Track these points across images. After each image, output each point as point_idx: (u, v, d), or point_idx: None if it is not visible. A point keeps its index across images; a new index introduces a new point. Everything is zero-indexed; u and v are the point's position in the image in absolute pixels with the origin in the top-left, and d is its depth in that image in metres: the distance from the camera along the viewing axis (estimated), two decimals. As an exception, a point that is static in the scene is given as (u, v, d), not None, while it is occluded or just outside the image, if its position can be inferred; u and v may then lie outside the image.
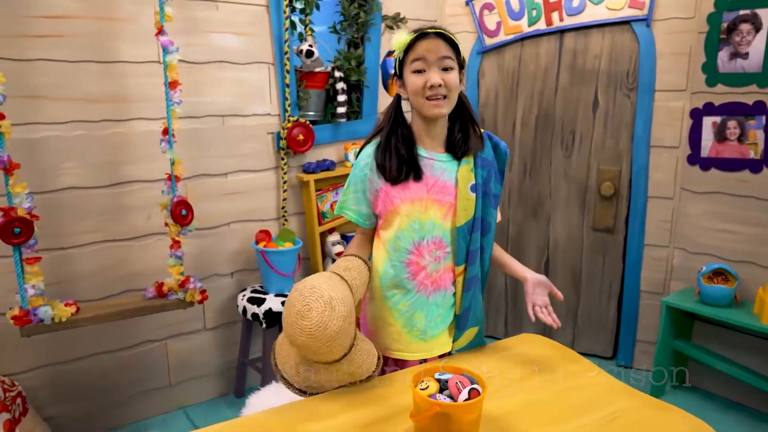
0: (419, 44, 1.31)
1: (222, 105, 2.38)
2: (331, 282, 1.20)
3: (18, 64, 1.94)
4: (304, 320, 1.12)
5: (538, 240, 3.04)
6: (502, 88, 2.97)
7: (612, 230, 2.83)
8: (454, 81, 1.33)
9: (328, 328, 1.12)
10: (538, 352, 1.50)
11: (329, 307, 1.13)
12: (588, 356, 2.99)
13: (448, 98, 1.34)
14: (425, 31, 1.31)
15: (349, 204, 1.44)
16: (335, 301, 1.15)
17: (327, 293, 1.15)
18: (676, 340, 2.55)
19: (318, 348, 1.14)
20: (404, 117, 1.41)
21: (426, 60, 1.30)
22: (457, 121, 1.41)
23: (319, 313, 1.12)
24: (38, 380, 2.15)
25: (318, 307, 1.13)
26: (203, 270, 2.45)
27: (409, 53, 1.32)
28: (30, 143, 2.00)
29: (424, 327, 1.44)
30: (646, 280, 2.78)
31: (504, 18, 2.83)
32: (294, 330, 1.13)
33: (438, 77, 1.30)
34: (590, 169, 2.83)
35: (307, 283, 1.18)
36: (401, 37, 1.32)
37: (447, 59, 1.31)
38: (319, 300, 1.14)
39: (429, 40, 1.30)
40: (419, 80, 1.31)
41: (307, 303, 1.13)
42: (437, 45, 1.30)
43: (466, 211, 1.41)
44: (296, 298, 1.15)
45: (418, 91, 1.32)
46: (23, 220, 1.75)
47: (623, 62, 2.66)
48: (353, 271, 1.29)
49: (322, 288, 1.16)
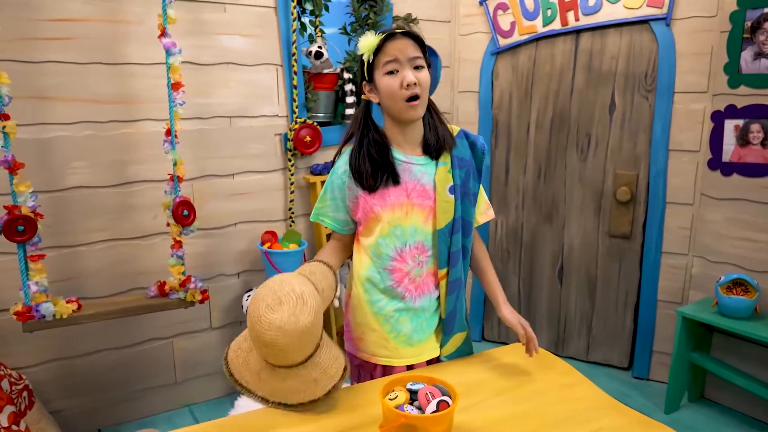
0: (389, 45, 1.28)
1: (230, 106, 2.40)
2: (300, 278, 1.18)
3: (28, 66, 1.99)
4: (274, 313, 1.08)
5: (552, 245, 2.96)
6: (516, 89, 2.91)
7: (628, 237, 2.73)
8: (426, 80, 1.32)
9: (300, 321, 1.09)
10: (528, 363, 1.46)
11: (301, 300, 1.11)
12: (603, 366, 2.91)
13: (422, 98, 1.31)
14: (393, 31, 1.29)
15: (327, 211, 1.42)
16: (306, 294, 1.13)
17: (298, 287, 1.13)
18: (693, 353, 2.45)
19: (287, 344, 1.09)
20: (374, 121, 1.38)
21: (398, 60, 1.28)
22: (427, 120, 1.39)
23: (291, 305, 1.09)
24: (46, 374, 2.20)
25: (290, 300, 1.10)
26: (210, 270, 2.48)
27: (379, 55, 1.29)
28: (40, 143, 2.05)
29: (410, 332, 1.41)
30: (664, 289, 2.68)
31: (518, 18, 2.77)
32: (262, 325, 1.08)
33: (412, 75, 1.28)
34: (606, 174, 2.74)
35: (276, 279, 1.15)
36: (369, 39, 1.29)
37: (418, 58, 1.30)
38: (291, 294, 1.11)
39: (398, 40, 1.28)
40: (394, 81, 1.28)
41: (278, 297, 1.10)
42: (406, 45, 1.28)
43: (446, 214, 1.38)
44: (265, 294, 1.12)
45: (395, 92, 1.29)
46: (27, 219, 1.79)
47: (641, 63, 2.57)
48: (317, 275, 1.27)
49: (292, 282, 1.14)
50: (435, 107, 1.42)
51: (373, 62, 1.31)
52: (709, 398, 2.59)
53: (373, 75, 1.32)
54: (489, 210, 1.53)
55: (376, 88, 1.33)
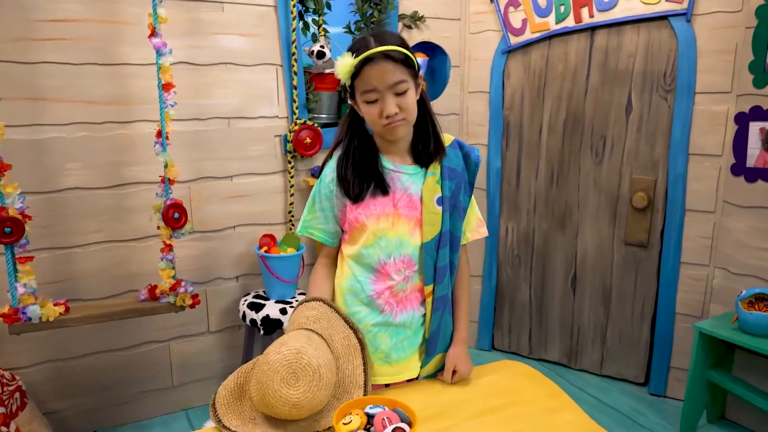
0: (367, 71, 1.16)
1: (228, 107, 2.36)
2: (314, 343, 1.10)
3: (24, 66, 1.99)
4: (291, 389, 1.03)
5: (565, 252, 2.83)
6: (528, 89, 2.79)
7: (645, 245, 2.58)
8: (411, 104, 1.21)
9: (315, 399, 1.05)
10: (515, 382, 1.36)
11: (317, 377, 1.05)
12: (618, 381, 2.77)
13: (406, 119, 1.22)
14: (371, 54, 1.15)
15: (316, 223, 1.35)
16: (323, 368, 1.07)
17: (315, 360, 1.06)
18: (712, 371, 2.29)
19: (299, 416, 1.06)
20: (362, 128, 1.29)
21: (377, 90, 1.17)
22: (419, 126, 1.30)
23: (308, 383, 1.04)
24: (41, 375, 2.20)
25: (306, 376, 1.04)
26: (208, 273, 2.44)
27: (357, 80, 1.18)
28: (35, 144, 2.05)
29: (388, 349, 1.33)
30: (683, 301, 2.52)
31: (530, 15, 2.65)
32: (275, 399, 1.03)
33: (393, 106, 1.18)
34: (622, 178, 2.60)
35: (291, 346, 1.07)
36: (345, 63, 1.17)
37: (400, 84, 1.17)
38: (307, 368, 1.05)
39: (377, 65, 1.15)
40: (373, 110, 1.19)
41: (294, 371, 1.04)
42: (386, 71, 1.15)
43: (433, 226, 1.30)
44: (280, 363, 1.05)
45: (374, 121, 1.21)
46: (14, 220, 1.78)
47: (660, 61, 2.42)
48: (323, 321, 1.20)
49: (309, 354, 1.06)
50: (431, 112, 1.31)
51: (352, 84, 1.21)
52: (729, 419, 2.42)
53: (354, 94, 1.23)
54: (481, 227, 1.42)
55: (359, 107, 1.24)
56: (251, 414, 1.12)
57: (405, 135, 1.28)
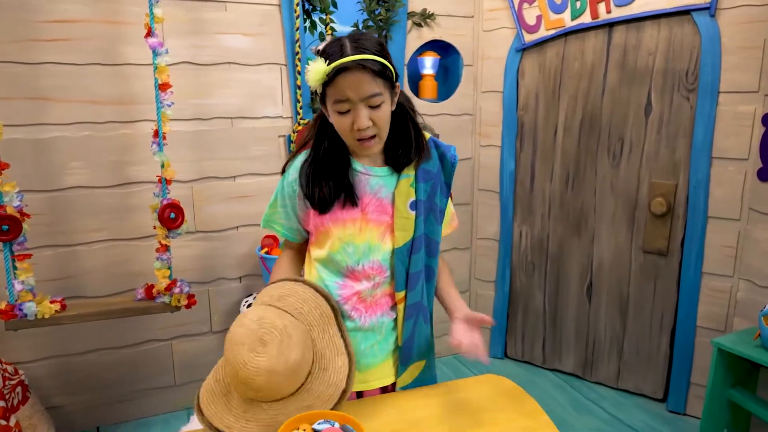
0: (340, 80, 1.08)
1: (231, 107, 2.35)
2: (274, 311, 1.06)
3: (28, 67, 2.02)
4: (260, 356, 0.98)
5: (580, 259, 2.71)
6: (543, 89, 2.68)
7: (665, 253, 2.44)
8: (384, 118, 1.14)
9: (290, 359, 1.00)
10: (493, 399, 1.28)
11: (285, 335, 1.01)
12: (634, 396, 2.63)
13: (379, 135, 1.16)
14: (345, 63, 1.07)
15: (277, 218, 1.31)
16: (289, 327, 1.02)
17: (278, 321, 1.02)
18: (733, 390, 2.14)
19: (279, 383, 1.00)
20: (332, 131, 1.20)
21: (350, 100, 1.09)
22: (398, 126, 1.22)
23: (277, 344, 0.99)
24: (45, 370, 2.24)
25: (273, 338, 0.99)
26: (210, 273, 2.44)
27: (329, 88, 1.10)
28: (39, 143, 2.08)
29: (357, 355, 1.28)
30: (704, 314, 2.37)
31: (545, 11, 2.54)
32: (248, 371, 0.98)
33: (365, 119, 1.11)
34: (641, 182, 2.46)
35: (251, 317, 1.03)
36: (317, 69, 1.09)
37: (375, 97, 1.10)
38: (272, 331, 1.00)
39: (351, 74, 1.07)
40: (345, 122, 1.12)
41: (259, 336, 0.99)
42: (360, 81, 1.07)
43: (405, 231, 1.24)
44: (243, 335, 1.00)
45: (345, 133, 1.15)
46: (12, 218, 1.81)
47: (682, 59, 2.28)
48: (289, 298, 1.15)
49: (271, 317, 1.02)
50: (413, 117, 1.24)
51: (324, 91, 1.13)
52: (753, 442, 2.26)
53: (325, 100, 1.15)
54: (454, 220, 1.38)
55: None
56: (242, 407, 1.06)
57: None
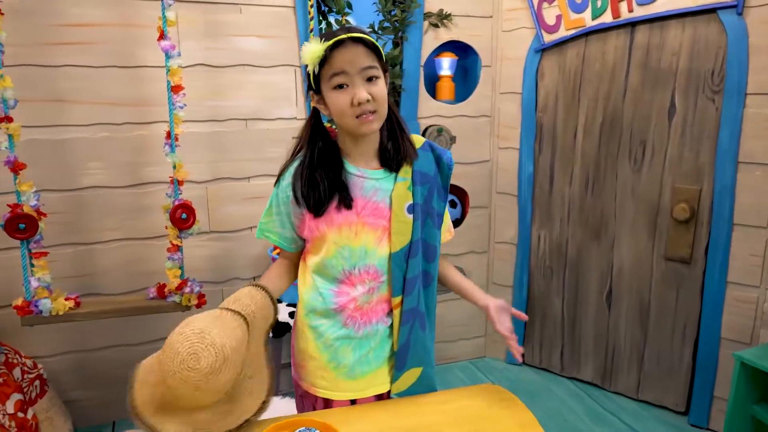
0: (336, 55, 1.10)
1: (245, 109, 2.37)
2: (222, 322, 1.04)
3: (47, 69, 2.08)
4: (191, 372, 0.96)
5: (600, 265, 2.63)
6: (562, 90, 2.61)
7: (688, 261, 2.35)
8: (382, 92, 1.14)
9: (220, 380, 0.99)
10: (487, 410, 1.25)
11: (220, 356, 0.98)
12: (655, 408, 2.54)
13: (378, 112, 1.15)
14: (340, 38, 1.11)
15: (272, 227, 1.30)
16: (226, 347, 1.00)
17: (219, 339, 1.00)
18: (757, 406, 2.04)
19: (201, 399, 1.00)
20: (326, 132, 1.24)
21: (347, 73, 1.11)
22: (386, 130, 1.22)
23: (210, 363, 0.97)
24: (63, 365, 2.30)
25: (208, 356, 0.97)
26: (224, 273, 2.47)
27: (325, 66, 1.12)
28: (57, 144, 2.14)
29: (351, 363, 1.27)
30: (729, 325, 2.27)
31: (565, 11, 2.48)
32: (177, 381, 0.97)
33: (364, 92, 1.11)
34: (663, 187, 2.38)
35: (193, 326, 1.01)
36: (313, 47, 1.12)
37: (371, 68, 1.12)
38: (210, 348, 0.98)
39: (346, 49, 1.10)
40: (343, 97, 1.12)
41: (195, 351, 0.97)
42: (357, 54, 1.11)
43: (402, 236, 1.22)
44: (180, 343, 0.98)
45: (344, 110, 1.13)
46: (29, 217, 1.86)
47: (707, 60, 2.19)
48: (245, 299, 1.14)
49: (212, 333, 1.00)
50: (396, 114, 1.25)
51: (319, 73, 1.14)
52: (779, 461, 2.16)
53: (320, 86, 1.17)
54: (450, 230, 1.38)
55: (324, 101, 1.18)
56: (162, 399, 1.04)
57: (372, 134, 1.21)
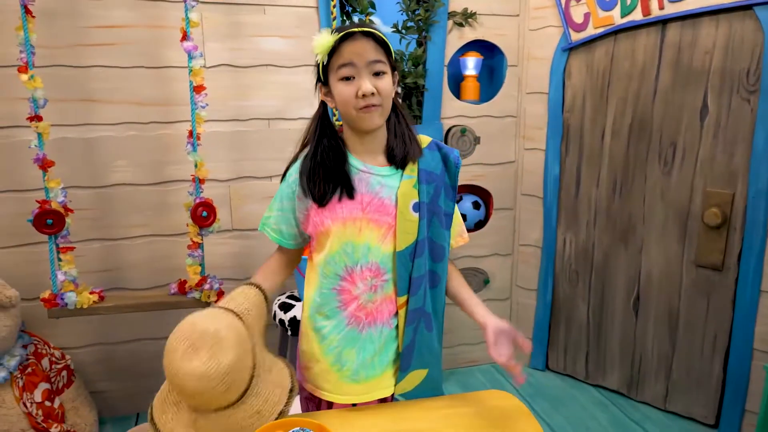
0: (345, 47, 1.13)
1: (268, 108, 2.39)
2: (212, 314, 1.06)
3: (77, 70, 2.15)
4: (192, 362, 0.96)
5: (627, 270, 2.56)
6: (590, 90, 2.55)
7: (720, 268, 2.26)
8: (387, 87, 1.16)
9: (222, 363, 0.98)
10: (496, 417, 1.23)
11: (216, 340, 0.99)
12: (683, 419, 2.46)
13: (382, 107, 1.16)
14: (351, 31, 1.13)
15: (272, 222, 1.32)
16: (221, 330, 1.01)
17: (211, 326, 1.01)
18: (790, 421, 1.95)
19: (213, 389, 0.99)
20: (333, 126, 1.25)
21: (354, 65, 1.13)
22: (392, 127, 1.23)
23: (208, 348, 0.98)
24: (90, 356, 2.37)
25: (204, 343, 0.98)
26: (246, 271, 2.50)
27: (334, 58, 1.15)
28: (87, 142, 2.20)
29: (355, 367, 1.26)
30: (762, 335, 2.17)
31: (593, 8, 2.41)
32: (181, 378, 0.97)
33: (370, 84, 1.13)
34: (694, 191, 2.29)
35: (185, 322, 1.03)
36: (323, 39, 1.14)
37: (378, 63, 1.14)
38: (204, 335, 0.99)
39: (356, 41, 1.13)
40: (349, 89, 1.14)
41: (192, 342, 0.98)
42: (365, 47, 1.13)
43: (408, 234, 1.22)
44: (176, 341, 0.99)
45: (349, 101, 1.15)
46: (56, 213, 1.93)
47: (742, 58, 2.10)
48: (239, 297, 1.15)
49: (204, 323, 1.01)
50: (402, 111, 1.26)
51: (328, 64, 1.17)
52: (814, 480, 2.05)
53: (328, 78, 1.19)
54: (464, 233, 1.36)
55: (331, 93, 1.20)
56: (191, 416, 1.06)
57: (378, 131, 1.21)
